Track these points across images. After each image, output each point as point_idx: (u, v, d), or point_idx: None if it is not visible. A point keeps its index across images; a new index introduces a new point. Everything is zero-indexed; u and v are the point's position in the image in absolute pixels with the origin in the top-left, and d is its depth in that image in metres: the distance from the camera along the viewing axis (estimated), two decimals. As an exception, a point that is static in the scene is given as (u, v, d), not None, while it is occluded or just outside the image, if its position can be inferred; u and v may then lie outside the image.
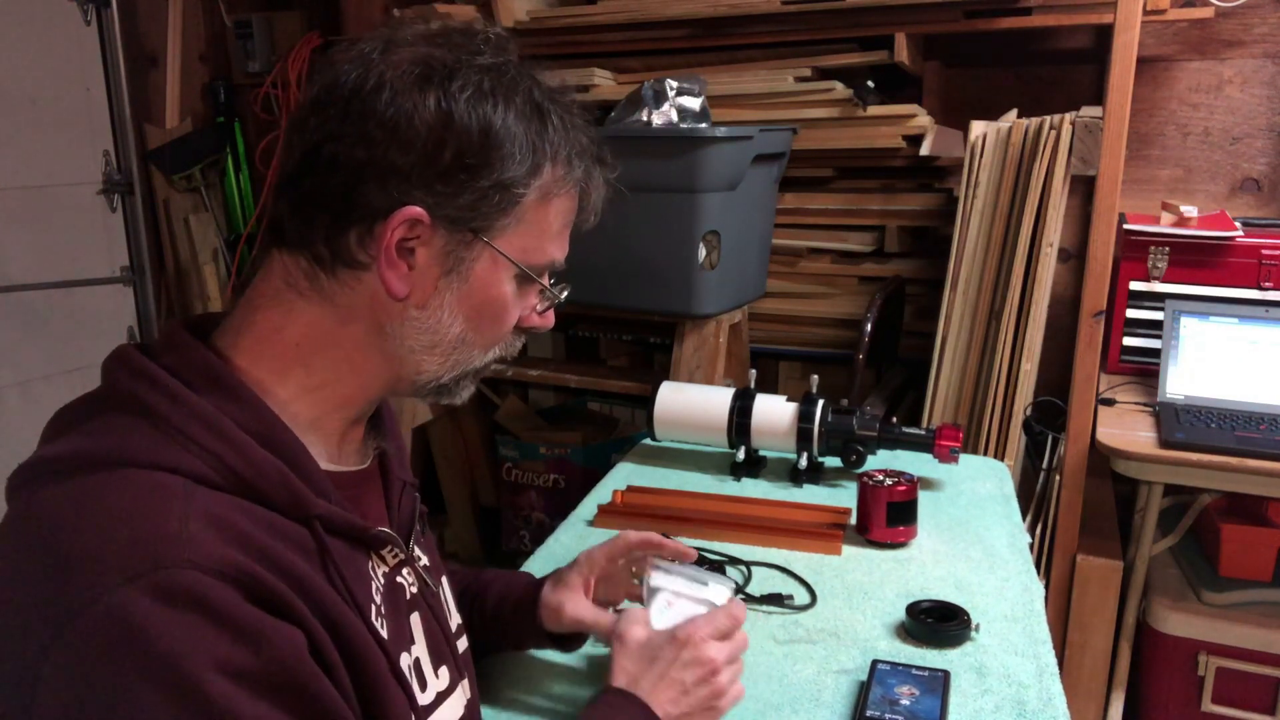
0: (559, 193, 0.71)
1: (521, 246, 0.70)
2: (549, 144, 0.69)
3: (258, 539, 0.58)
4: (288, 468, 0.63)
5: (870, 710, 0.91)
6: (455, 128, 0.65)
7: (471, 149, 0.65)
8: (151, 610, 0.52)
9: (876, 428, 1.45)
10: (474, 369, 0.74)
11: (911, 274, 2.32)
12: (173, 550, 0.54)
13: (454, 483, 2.75)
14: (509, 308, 0.72)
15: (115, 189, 2.82)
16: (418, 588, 0.76)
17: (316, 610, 0.60)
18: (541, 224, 0.71)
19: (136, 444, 0.59)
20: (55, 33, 2.64)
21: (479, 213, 0.67)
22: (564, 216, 0.73)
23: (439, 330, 0.69)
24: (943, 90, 2.37)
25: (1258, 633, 1.75)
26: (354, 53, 0.67)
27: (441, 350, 0.71)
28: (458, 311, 0.69)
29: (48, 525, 0.56)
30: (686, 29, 2.27)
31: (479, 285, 0.69)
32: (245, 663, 0.54)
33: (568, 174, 0.71)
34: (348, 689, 0.61)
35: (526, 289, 0.74)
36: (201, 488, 0.58)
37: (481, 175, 0.66)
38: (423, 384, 0.73)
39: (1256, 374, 1.80)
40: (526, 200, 0.69)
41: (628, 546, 0.97)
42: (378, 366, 0.70)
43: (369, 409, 0.74)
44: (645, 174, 1.89)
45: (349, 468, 0.73)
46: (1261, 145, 2.18)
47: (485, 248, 0.69)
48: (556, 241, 0.73)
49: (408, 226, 0.65)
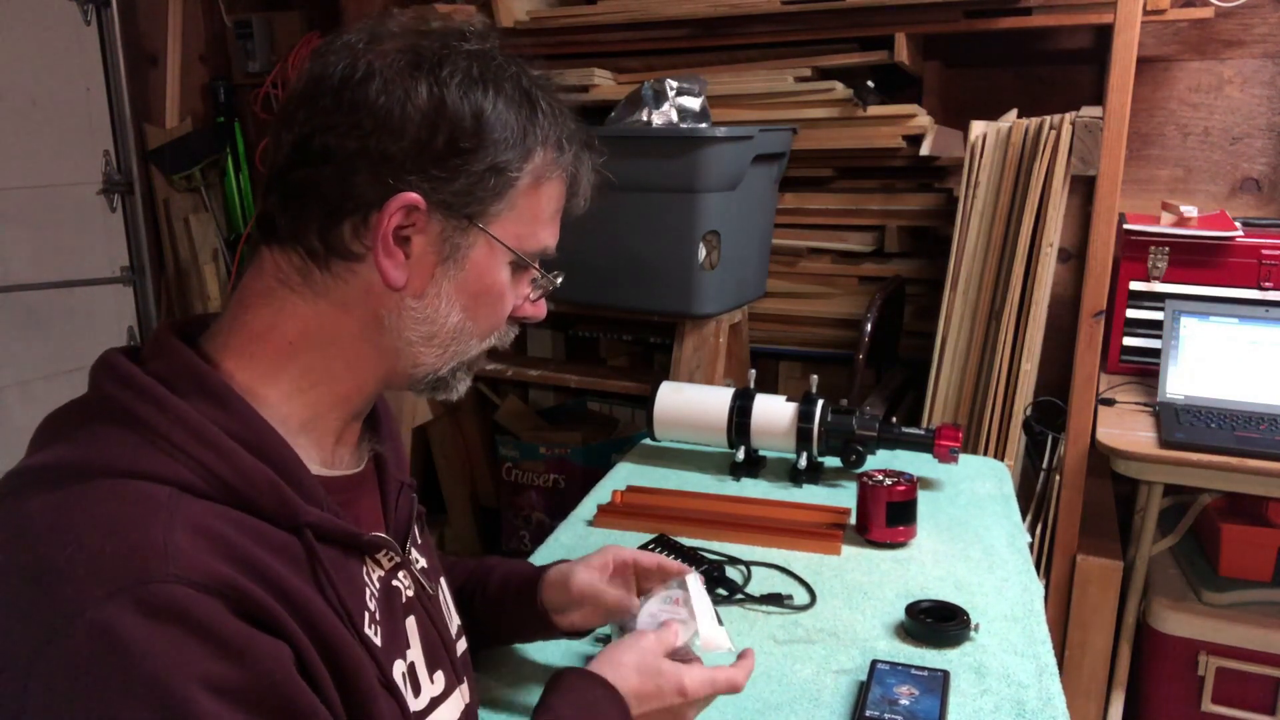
0: (550, 177, 0.71)
1: (516, 233, 0.70)
2: (539, 128, 0.69)
3: (245, 550, 0.57)
4: (277, 475, 0.61)
5: (870, 710, 0.91)
6: (448, 113, 0.64)
7: (464, 134, 0.65)
8: (136, 625, 0.51)
9: (876, 428, 1.45)
10: (469, 359, 0.74)
11: (911, 274, 2.32)
12: (157, 563, 0.53)
13: (454, 483, 2.75)
14: (505, 295, 0.72)
15: (115, 189, 2.82)
16: (414, 591, 0.75)
17: (304, 623, 0.59)
18: (534, 209, 0.71)
19: (122, 453, 0.58)
20: (55, 33, 2.64)
21: (474, 198, 0.67)
22: (555, 202, 0.73)
23: (436, 320, 0.69)
24: (943, 90, 2.37)
25: (1258, 633, 1.74)
26: (340, 44, 0.67)
27: (439, 341, 0.70)
28: (455, 300, 0.69)
29: (32, 536, 0.55)
30: (686, 29, 2.27)
31: (475, 273, 0.69)
32: (230, 678, 0.53)
33: (558, 158, 0.71)
34: (335, 703, 0.61)
35: (520, 276, 0.73)
36: (188, 496, 0.57)
37: (475, 160, 0.66)
38: (420, 377, 0.72)
39: (1256, 374, 1.80)
40: (520, 185, 0.69)
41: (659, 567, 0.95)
42: (374, 361, 0.70)
43: (365, 407, 0.74)
44: (645, 174, 1.89)
45: (343, 471, 0.72)
46: (1261, 145, 2.18)
47: (480, 234, 0.68)
48: (549, 227, 0.73)
49: (404, 214, 0.65)
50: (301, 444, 0.66)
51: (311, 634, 0.59)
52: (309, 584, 0.61)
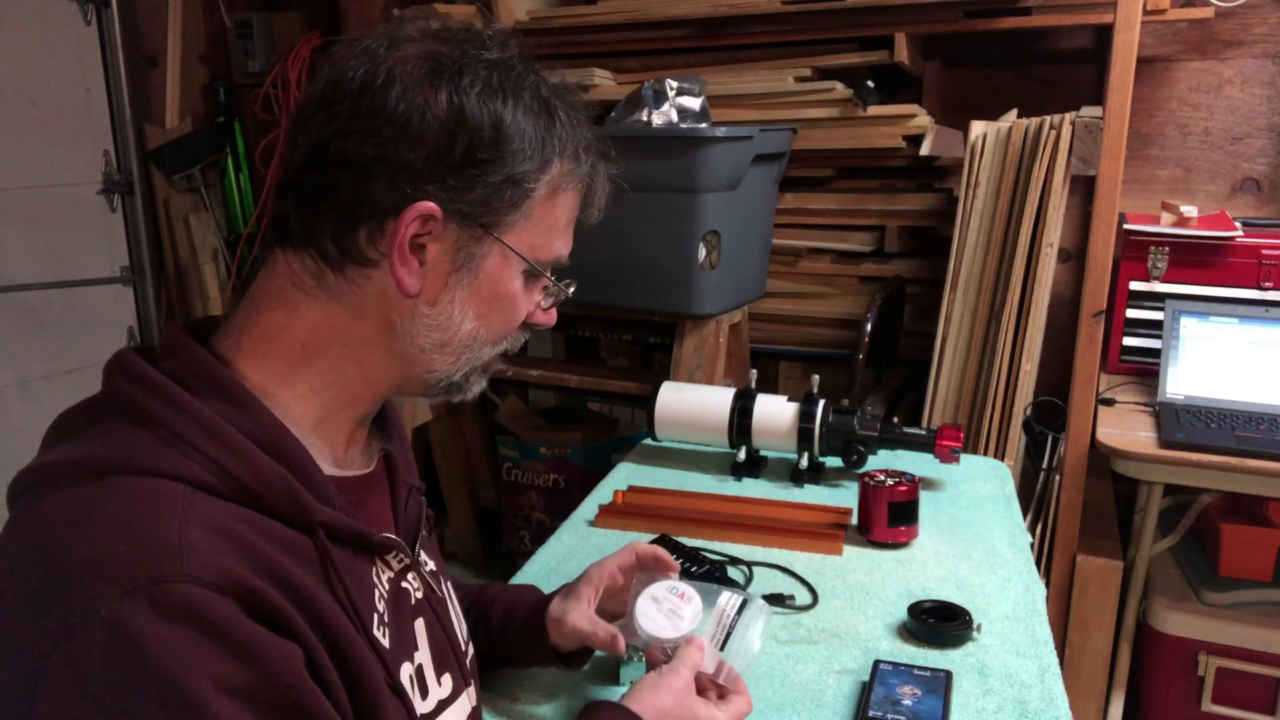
0: (566, 188, 0.71)
1: (530, 243, 0.70)
2: (557, 139, 0.69)
3: (258, 549, 0.58)
4: (290, 474, 0.62)
5: (872, 710, 0.91)
6: (467, 123, 0.64)
7: (483, 144, 0.65)
8: (149, 624, 0.51)
9: (878, 428, 1.45)
10: (483, 363, 0.74)
11: (911, 274, 2.32)
12: (171, 562, 0.53)
13: (454, 483, 2.75)
14: (518, 303, 0.72)
15: (115, 189, 2.82)
16: (423, 593, 0.75)
17: (315, 624, 0.59)
18: (549, 219, 0.71)
19: (136, 451, 0.58)
20: (55, 33, 2.64)
21: (490, 208, 0.67)
22: (570, 212, 0.73)
23: (449, 328, 0.69)
24: (943, 90, 2.37)
25: (1258, 633, 1.75)
26: (359, 49, 0.66)
27: (452, 349, 0.70)
28: (468, 308, 0.69)
29: (47, 534, 0.55)
30: (686, 29, 2.27)
31: (489, 281, 0.69)
32: (242, 679, 0.53)
33: (575, 169, 0.71)
34: (344, 705, 0.61)
35: (533, 284, 0.73)
36: (202, 495, 0.58)
37: (493, 170, 0.66)
38: (433, 383, 0.72)
39: (1256, 374, 1.80)
40: (536, 195, 0.69)
41: (637, 557, 0.96)
42: (385, 366, 0.70)
43: (374, 409, 0.74)
44: (645, 174, 1.89)
45: (354, 472, 0.72)
46: (1261, 145, 2.18)
47: (495, 243, 0.68)
48: (563, 237, 0.73)
49: (421, 222, 0.65)
50: (314, 444, 0.67)
51: (322, 635, 0.60)
52: (320, 584, 0.62)
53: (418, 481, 0.81)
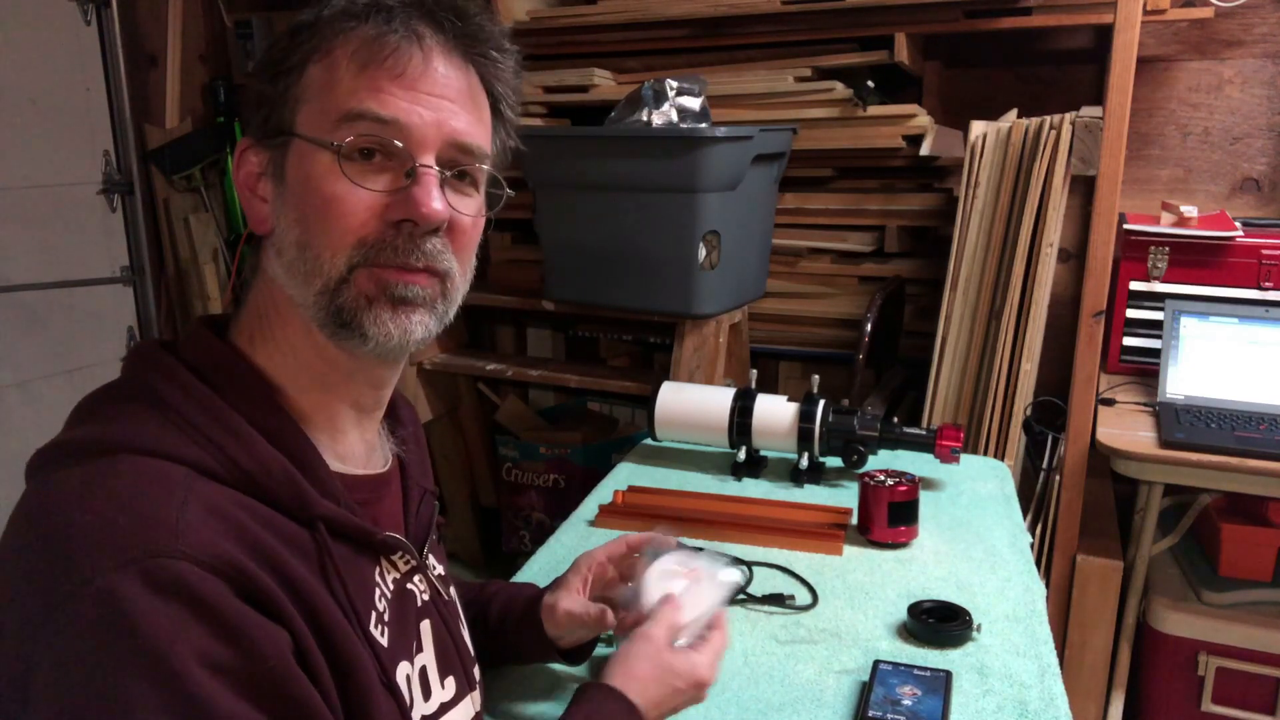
0: (336, 44, 0.65)
1: (314, 122, 0.65)
2: (315, 18, 0.67)
3: (254, 534, 0.58)
4: (295, 466, 0.63)
5: (872, 710, 0.91)
6: (263, 61, 0.68)
7: (264, 70, 0.68)
8: (140, 597, 0.52)
9: (878, 428, 1.45)
10: (337, 278, 0.65)
11: (911, 274, 2.32)
12: (167, 538, 0.54)
13: (454, 483, 2.75)
14: (323, 185, 0.64)
15: (115, 189, 2.82)
16: (430, 595, 0.76)
17: (306, 612, 0.60)
18: (329, 82, 0.65)
19: (145, 432, 0.60)
20: (55, 33, 2.64)
21: (273, 112, 0.67)
22: (355, 59, 0.65)
23: (284, 248, 0.66)
24: (943, 90, 2.37)
25: (1258, 633, 1.75)
26: None
27: (298, 271, 0.66)
28: (290, 219, 0.66)
29: (54, 505, 0.57)
30: (686, 29, 2.27)
31: (295, 180, 0.66)
32: (225, 657, 0.54)
33: (340, 23, 0.66)
34: (332, 695, 0.61)
35: (361, 168, 0.65)
36: (204, 479, 0.59)
37: (266, 82, 0.67)
38: (319, 322, 0.66)
39: (1256, 374, 1.80)
40: (309, 73, 0.66)
41: (628, 547, 0.97)
42: (291, 320, 0.68)
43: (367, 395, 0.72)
44: (645, 174, 1.89)
45: (365, 470, 0.72)
46: (1261, 145, 2.18)
47: (292, 142, 0.66)
48: (352, 88, 0.64)
49: (245, 161, 0.69)
50: (323, 441, 0.68)
51: (312, 624, 0.60)
52: (316, 576, 0.62)
53: (431, 486, 0.82)
